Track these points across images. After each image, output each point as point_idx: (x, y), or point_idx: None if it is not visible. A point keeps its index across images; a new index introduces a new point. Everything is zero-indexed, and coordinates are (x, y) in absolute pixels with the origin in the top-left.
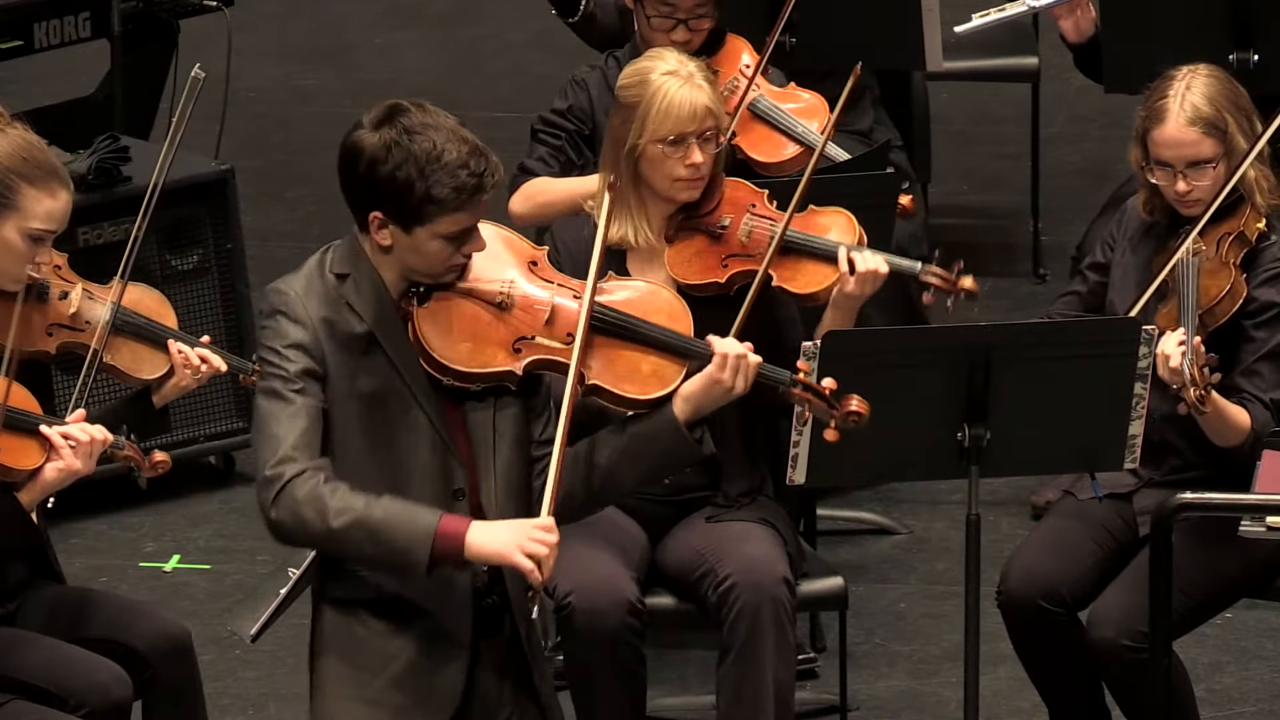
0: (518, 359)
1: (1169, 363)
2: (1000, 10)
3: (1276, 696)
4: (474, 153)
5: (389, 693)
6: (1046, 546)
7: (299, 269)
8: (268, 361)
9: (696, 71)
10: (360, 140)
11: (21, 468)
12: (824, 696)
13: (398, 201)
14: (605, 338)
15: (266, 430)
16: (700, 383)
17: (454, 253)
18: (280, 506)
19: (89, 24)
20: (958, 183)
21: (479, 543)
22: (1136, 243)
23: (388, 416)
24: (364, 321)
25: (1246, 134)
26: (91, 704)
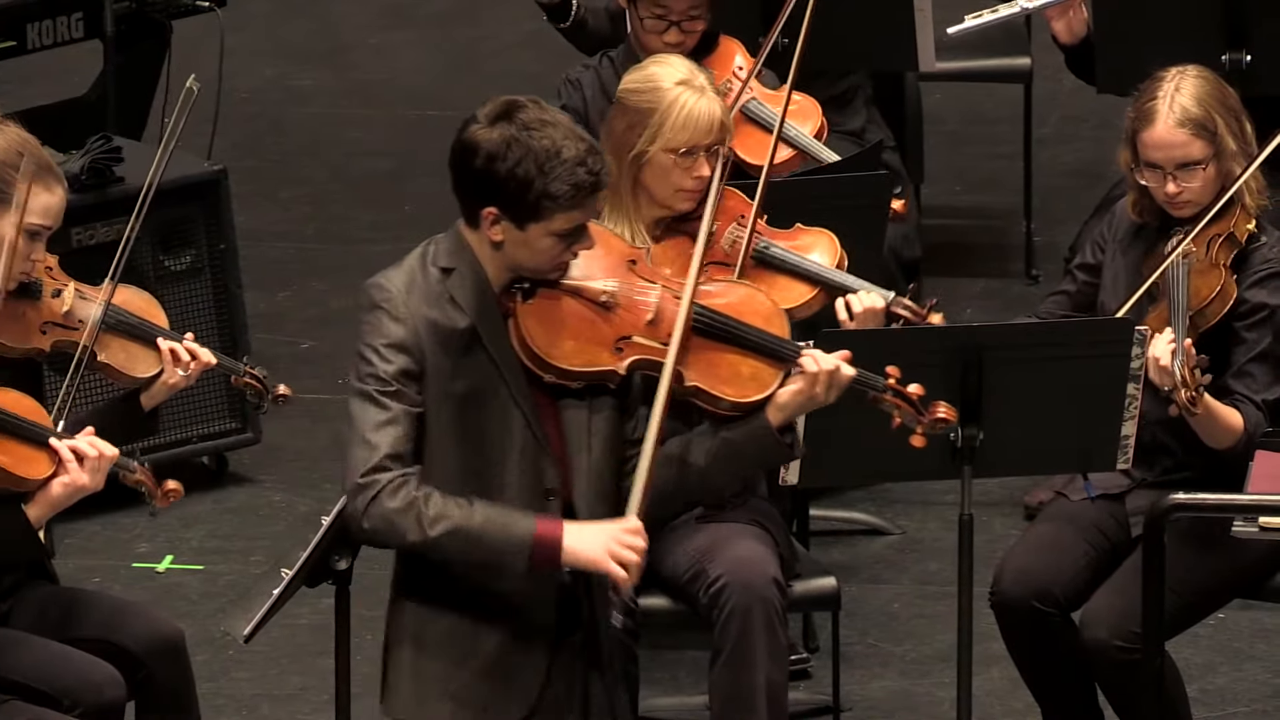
0: (620, 358)
1: (1159, 364)
2: (993, 11)
3: (1269, 697)
4: (590, 151)
5: (472, 686)
6: (1039, 547)
7: (399, 264)
8: (365, 360)
9: (708, 84)
10: (476, 136)
11: (31, 477)
12: (817, 696)
13: (515, 198)
14: (706, 339)
15: (359, 434)
16: (792, 394)
17: (564, 250)
18: (373, 516)
19: (82, 24)
20: (950, 183)
21: (575, 548)
22: (1127, 245)
23: (483, 414)
24: (466, 316)
25: (1236, 135)
26: (85, 704)
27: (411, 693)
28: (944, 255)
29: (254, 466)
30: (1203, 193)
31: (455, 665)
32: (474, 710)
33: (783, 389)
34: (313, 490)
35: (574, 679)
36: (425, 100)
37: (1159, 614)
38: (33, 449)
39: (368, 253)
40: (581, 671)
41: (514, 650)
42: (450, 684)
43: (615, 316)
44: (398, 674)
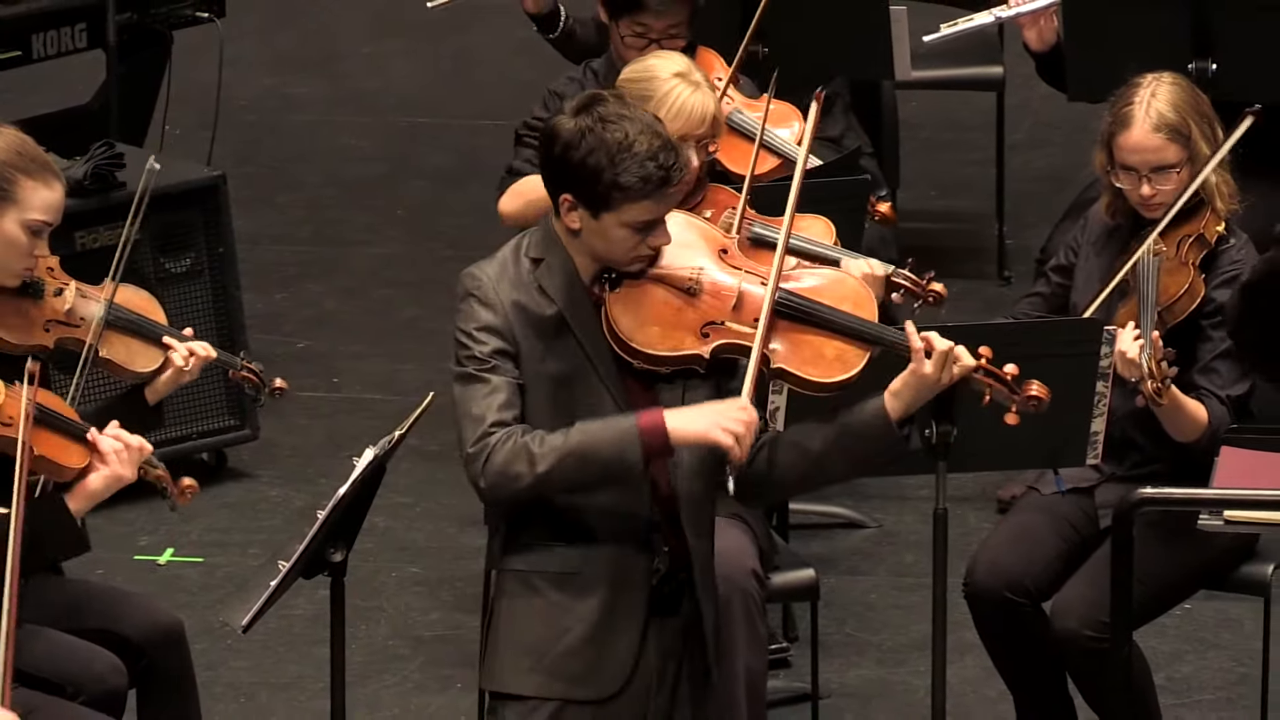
0: (706, 343)
1: (1125, 356)
2: (968, 20)
3: (1234, 685)
4: (664, 147)
5: (562, 663)
6: (1012, 540)
7: (493, 256)
8: (461, 345)
9: (703, 80)
10: (559, 125)
11: (69, 465)
12: (796, 685)
13: (587, 186)
14: (790, 323)
15: (466, 412)
16: (907, 379)
17: (640, 242)
18: (489, 474)
19: (85, 35)
20: (926, 188)
21: (680, 427)
22: (1100, 247)
23: (573, 398)
24: (555, 304)
25: (1209, 139)
26: (88, 691)
27: (506, 664)
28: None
29: (252, 462)
30: (1176, 195)
31: (548, 640)
32: (564, 684)
33: (897, 379)
34: (308, 485)
35: (666, 660)
36: (416, 107)
37: (1127, 604)
38: (69, 441)
39: (361, 255)
40: (674, 653)
41: (605, 630)
42: (543, 658)
43: (700, 302)
44: (494, 646)
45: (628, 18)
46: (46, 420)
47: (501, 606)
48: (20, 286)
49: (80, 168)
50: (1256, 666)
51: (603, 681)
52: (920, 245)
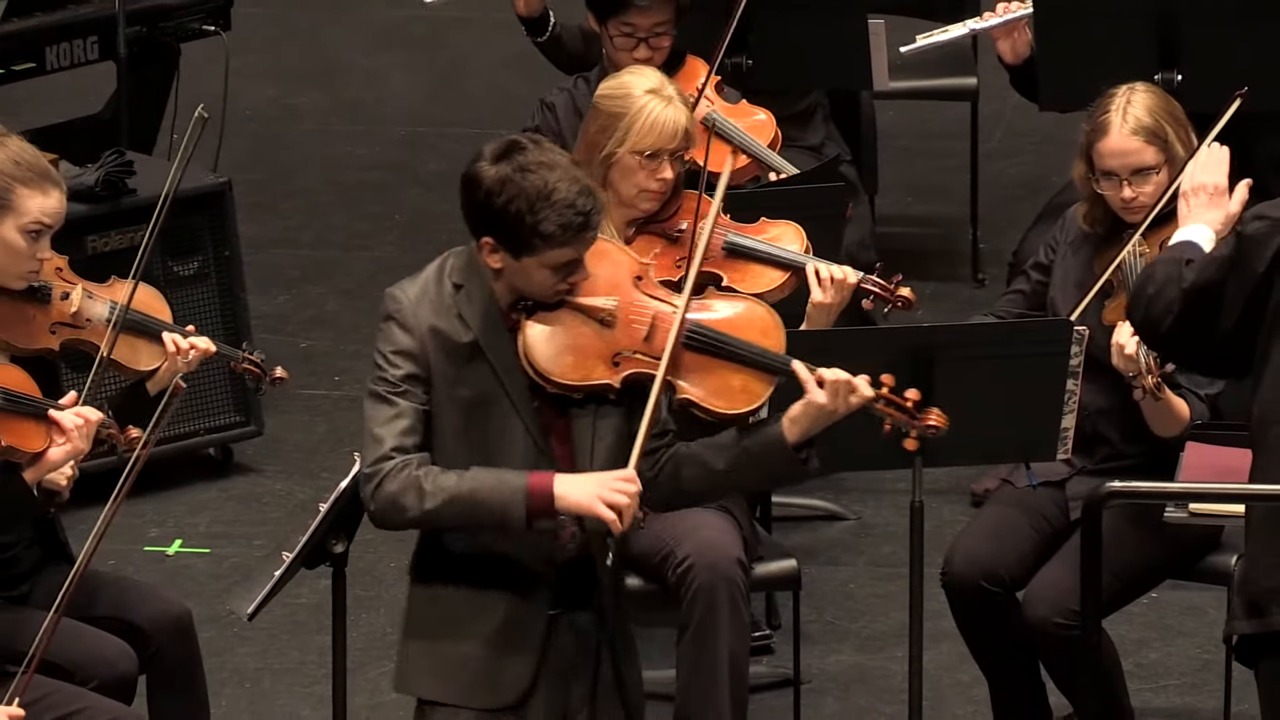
0: (616, 372)
1: (1124, 351)
2: (943, 32)
3: (1199, 670)
4: (583, 193)
5: (464, 671)
6: (986, 531)
7: (418, 274)
8: (377, 365)
9: (676, 94)
10: (480, 172)
11: (28, 449)
12: (778, 670)
13: (508, 232)
14: (698, 354)
15: (370, 432)
16: (803, 409)
17: (559, 281)
18: (379, 499)
19: (97, 47)
20: (902, 194)
21: (565, 494)
22: (1077, 246)
23: (485, 423)
24: (471, 331)
25: (1185, 143)
26: (100, 677)
27: (418, 669)
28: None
29: (257, 457)
30: (1155, 197)
31: (455, 645)
32: (464, 689)
33: (794, 405)
34: (311, 479)
35: (582, 652)
36: (413, 118)
37: (1096, 593)
38: (29, 422)
39: (360, 258)
40: (591, 646)
41: (507, 637)
42: (451, 662)
43: (614, 332)
44: (406, 652)
45: (615, 18)
46: (12, 407)
47: (410, 612)
48: (27, 290)
49: (92, 175)
50: (1220, 653)
51: (502, 691)
52: (897, 249)
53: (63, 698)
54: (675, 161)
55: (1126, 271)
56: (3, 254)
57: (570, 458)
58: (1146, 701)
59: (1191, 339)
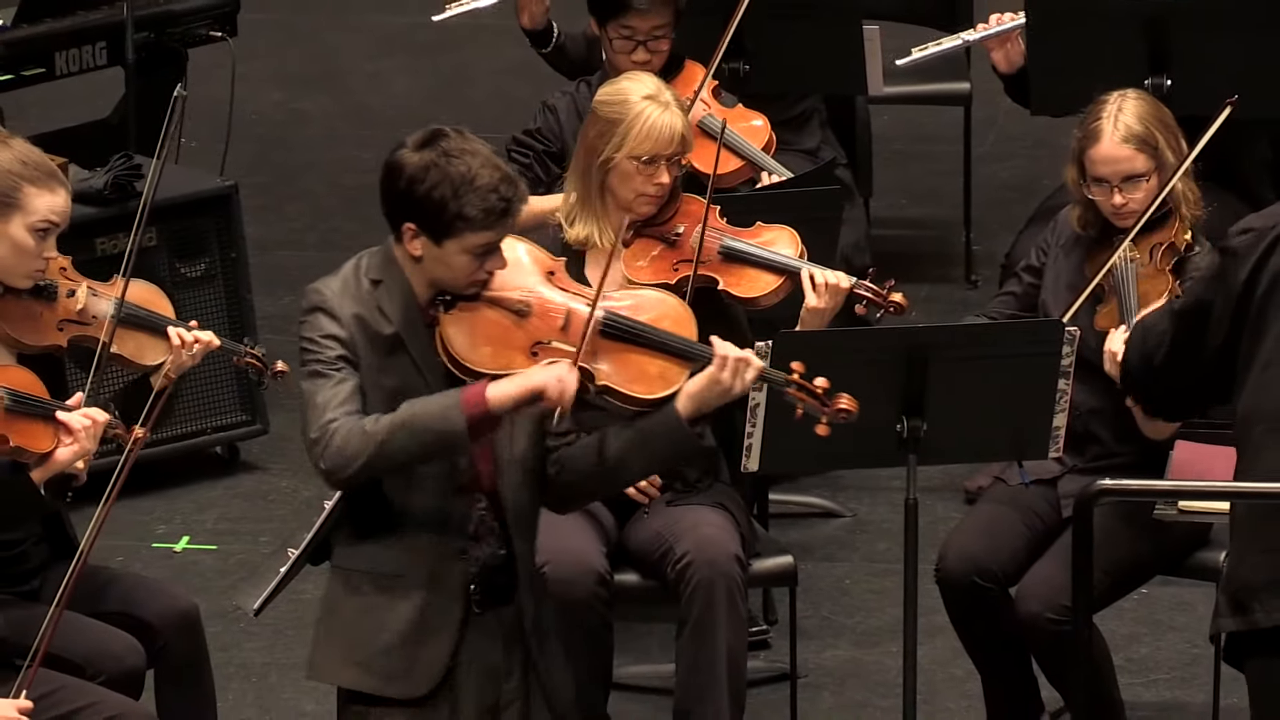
0: (534, 361)
1: (1116, 358)
2: (937, 44)
3: (1187, 665)
4: (504, 179)
5: (378, 660)
6: (980, 528)
7: (336, 272)
8: (308, 350)
9: (673, 100)
10: (403, 159)
11: (36, 450)
12: (776, 665)
13: (432, 217)
14: (615, 342)
15: (311, 404)
16: (702, 383)
17: (478, 267)
18: (328, 456)
19: (105, 53)
20: (897, 197)
21: (500, 389)
22: (1069, 249)
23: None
24: (392, 324)
25: (1175, 149)
26: (108, 672)
27: (328, 658)
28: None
29: (263, 456)
30: (1146, 203)
31: (367, 636)
32: (381, 679)
33: (692, 379)
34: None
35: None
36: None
37: (1087, 589)
38: (37, 423)
39: None
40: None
41: (422, 627)
42: (359, 653)
43: (530, 323)
44: (318, 640)
45: (614, 21)
46: (20, 408)
47: (327, 602)
48: (34, 289)
49: (101, 178)
50: (1209, 648)
51: (416, 680)
52: (892, 251)
53: (72, 692)
54: (672, 166)
55: (1118, 276)
56: (11, 252)
57: (489, 448)
58: (1137, 695)
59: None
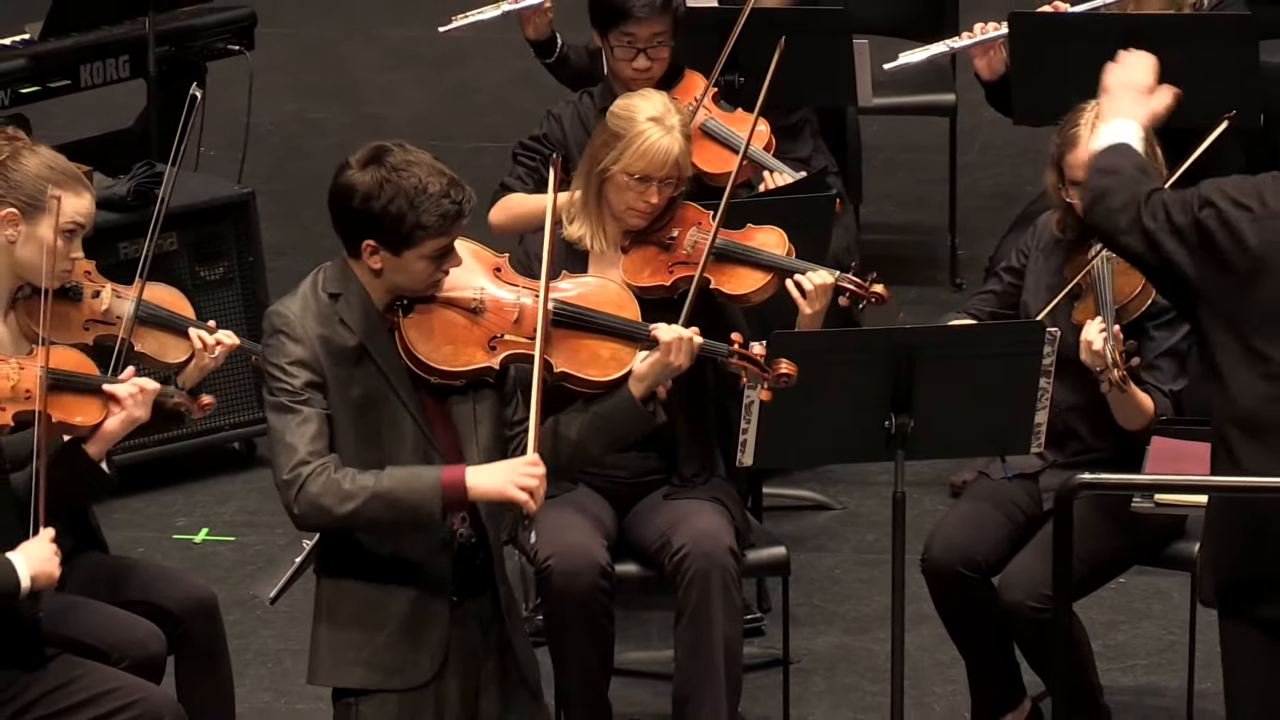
0: (494, 355)
1: (1092, 347)
2: (924, 50)
3: (1163, 651)
4: (452, 184)
5: (379, 656)
6: (964, 520)
7: (294, 292)
8: (274, 378)
9: (678, 124)
10: (352, 179)
11: (86, 423)
12: (769, 651)
13: (390, 230)
14: (566, 330)
15: (280, 440)
16: (650, 364)
17: (436, 270)
18: (301, 503)
19: (128, 66)
20: (885, 204)
21: (478, 484)
22: (1048, 252)
23: (376, 419)
24: (355, 335)
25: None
26: (131, 658)
27: (330, 661)
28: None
29: None
30: None
31: (366, 634)
32: (385, 673)
33: (640, 363)
34: None
35: (486, 633)
36: (425, 131)
37: (1067, 578)
38: (85, 398)
39: None
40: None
41: (417, 617)
42: (362, 651)
43: (485, 319)
44: (317, 645)
45: (615, 29)
46: (63, 384)
47: (322, 606)
48: (60, 290)
49: (124, 185)
50: (1184, 635)
51: (420, 669)
52: (881, 255)
53: (96, 678)
54: (664, 187)
55: (1094, 274)
56: (39, 255)
57: (455, 442)
58: (1115, 680)
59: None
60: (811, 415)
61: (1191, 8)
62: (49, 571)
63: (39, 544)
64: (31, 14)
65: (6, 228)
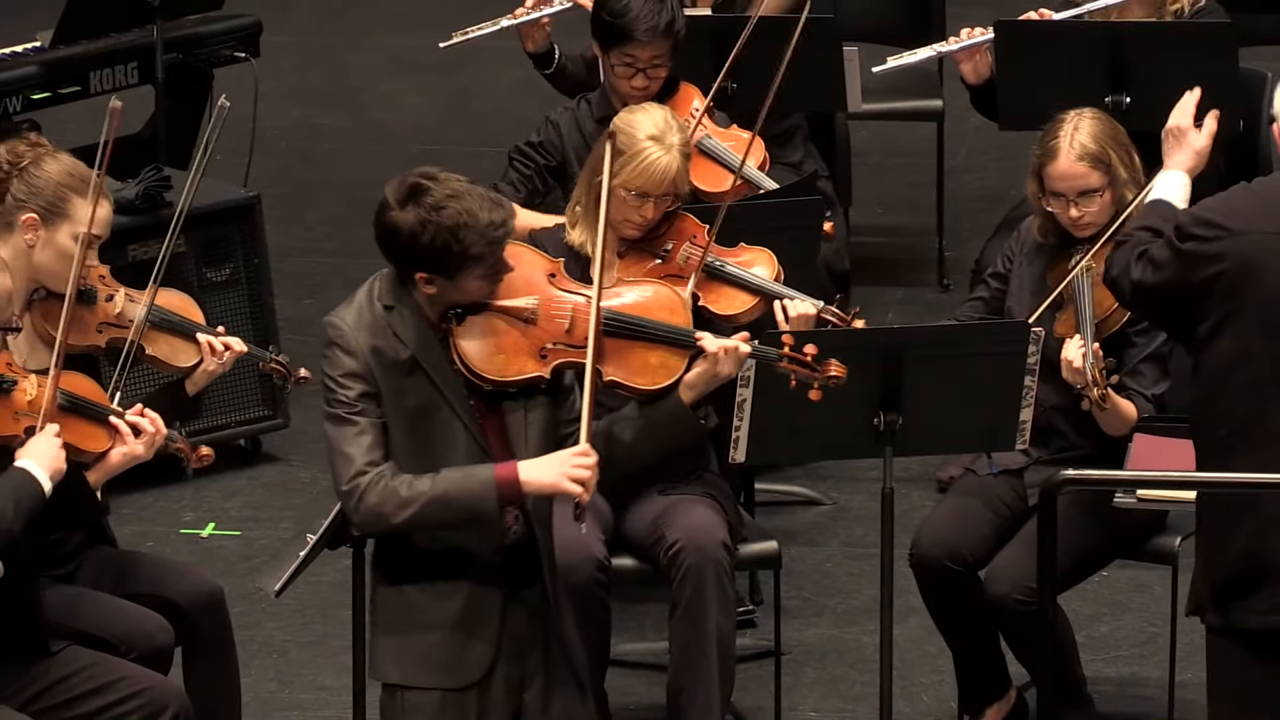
0: (545, 364)
1: (1072, 365)
2: (912, 54)
3: (1145, 642)
4: (493, 207)
5: (432, 654)
6: (951, 515)
7: (351, 300)
8: (330, 389)
9: (677, 143)
10: (395, 220)
11: (91, 450)
12: (761, 642)
13: (439, 263)
14: (617, 339)
15: (338, 451)
16: (698, 373)
17: (490, 284)
18: (362, 512)
19: (137, 72)
20: (874, 206)
21: (531, 478)
22: (1032, 257)
23: (430, 428)
24: (408, 348)
25: (1126, 165)
26: (139, 649)
27: (391, 659)
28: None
29: (283, 448)
30: (1100, 215)
31: (420, 636)
32: (438, 672)
33: (689, 372)
34: None
35: (533, 626)
36: (427, 137)
37: (1052, 572)
38: (94, 425)
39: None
40: (540, 619)
41: (470, 618)
42: (417, 650)
43: (537, 329)
44: (377, 645)
45: (617, 49)
46: (75, 409)
47: (377, 609)
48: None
49: (132, 189)
50: (1165, 627)
51: (469, 669)
52: (870, 257)
53: (106, 668)
54: (661, 203)
55: (1074, 287)
56: (57, 259)
57: (506, 447)
58: (1098, 671)
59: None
60: (802, 413)
61: (1173, 15)
62: (60, 467)
63: (43, 440)
64: (43, 22)
65: (26, 232)
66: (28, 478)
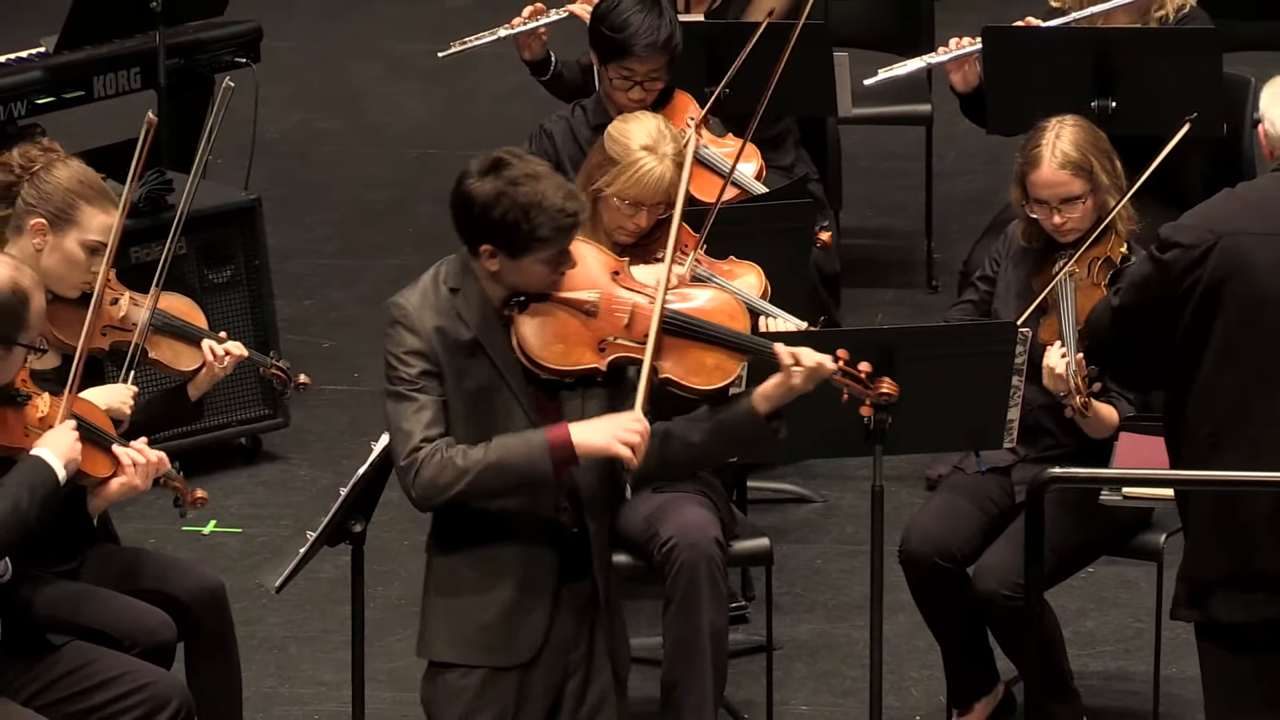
0: (603, 357)
1: (1055, 373)
2: (902, 66)
3: (1131, 638)
4: (568, 196)
5: (483, 634)
6: (940, 512)
7: (415, 282)
8: (392, 366)
9: (671, 153)
10: (472, 189)
11: (94, 475)
12: (753, 638)
13: (506, 239)
14: (675, 338)
15: (397, 427)
16: (774, 385)
17: (552, 272)
18: (419, 486)
19: (139, 77)
20: (864, 209)
21: (583, 440)
22: (1018, 260)
23: (490, 410)
24: (471, 330)
25: (1108, 171)
26: (142, 644)
27: (439, 637)
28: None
29: (284, 447)
30: (1083, 221)
31: (474, 613)
32: (486, 651)
33: (766, 382)
34: (332, 466)
35: (580, 621)
36: (425, 141)
37: (1039, 568)
38: (99, 452)
39: (378, 267)
40: (588, 614)
41: (522, 600)
42: (468, 629)
43: (598, 322)
44: (427, 620)
45: (615, 63)
46: (83, 434)
47: (431, 586)
48: (80, 297)
49: (136, 192)
50: (1151, 622)
51: (519, 650)
52: (860, 259)
53: (108, 663)
54: (654, 211)
55: (1058, 293)
56: (63, 264)
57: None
58: (1085, 665)
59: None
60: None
61: (1158, 21)
62: (75, 458)
63: (60, 432)
64: (47, 28)
65: (35, 236)
66: (43, 465)
